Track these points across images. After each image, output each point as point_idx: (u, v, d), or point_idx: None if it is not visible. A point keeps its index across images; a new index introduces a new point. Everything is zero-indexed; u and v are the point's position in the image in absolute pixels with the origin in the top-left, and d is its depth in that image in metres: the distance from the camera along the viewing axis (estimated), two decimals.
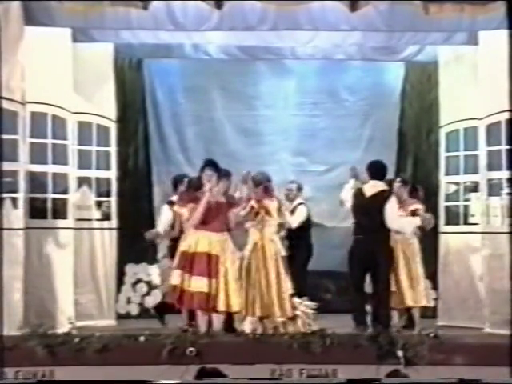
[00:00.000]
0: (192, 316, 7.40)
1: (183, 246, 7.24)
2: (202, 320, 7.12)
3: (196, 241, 7.15)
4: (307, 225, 8.88)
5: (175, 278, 7.12)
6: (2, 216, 7.17)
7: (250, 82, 10.33)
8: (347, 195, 7.99)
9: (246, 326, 7.35)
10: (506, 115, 7.79)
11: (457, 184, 9.04)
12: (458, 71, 8.92)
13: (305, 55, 9.56)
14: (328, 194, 10.28)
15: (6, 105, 7.25)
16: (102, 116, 8.87)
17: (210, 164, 7.28)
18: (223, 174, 7.38)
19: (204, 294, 7.01)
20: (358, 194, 7.78)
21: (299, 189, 9.01)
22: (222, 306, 7.05)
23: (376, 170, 7.79)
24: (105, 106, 8.92)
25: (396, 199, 7.76)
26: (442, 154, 9.17)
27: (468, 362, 6.43)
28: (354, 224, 7.81)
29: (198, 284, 7.03)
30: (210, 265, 7.07)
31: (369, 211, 7.65)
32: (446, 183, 9.15)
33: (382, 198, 7.64)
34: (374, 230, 7.57)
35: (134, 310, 9.62)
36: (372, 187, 7.72)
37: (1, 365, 6.28)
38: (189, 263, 7.10)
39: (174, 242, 8.04)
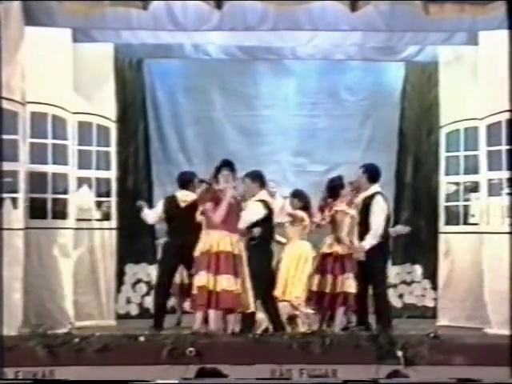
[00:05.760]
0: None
1: (205, 246, 7.10)
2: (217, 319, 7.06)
3: (217, 240, 7.04)
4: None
5: (201, 278, 6.99)
6: (2, 216, 7.17)
7: (250, 82, 10.32)
8: None
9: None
10: (506, 115, 7.80)
11: (457, 184, 9.05)
12: (458, 71, 8.93)
13: (305, 55, 9.57)
14: None
15: (5, 105, 7.24)
16: (102, 116, 8.89)
17: (227, 164, 7.23)
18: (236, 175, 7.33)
19: (232, 293, 6.95)
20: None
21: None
22: (252, 307, 7.07)
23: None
24: (105, 106, 8.93)
25: None
26: (442, 154, 9.18)
27: (468, 362, 6.42)
28: None
29: (226, 283, 6.94)
30: (235, 264, 7.02)
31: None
32: (446, 183, 9.16)
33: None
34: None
35: (134, 310, 9.63)
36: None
37: (1, 365, 6.27)
38: (214, 263, 7.00)
39: (171, 240, 8.11)
